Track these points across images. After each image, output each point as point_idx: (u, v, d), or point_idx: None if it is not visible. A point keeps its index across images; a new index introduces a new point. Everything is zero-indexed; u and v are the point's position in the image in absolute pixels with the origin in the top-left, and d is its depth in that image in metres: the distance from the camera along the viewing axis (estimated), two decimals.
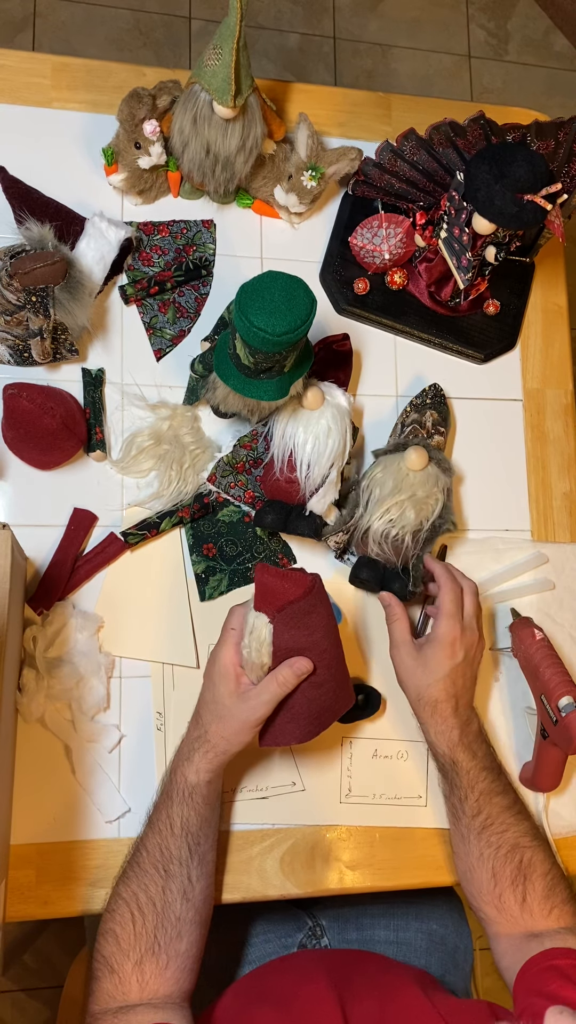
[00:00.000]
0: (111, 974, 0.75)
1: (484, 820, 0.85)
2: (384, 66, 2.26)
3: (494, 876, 0.84)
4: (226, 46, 0.86)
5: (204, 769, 0.81)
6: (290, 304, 0.78)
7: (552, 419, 1.11)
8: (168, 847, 0.79)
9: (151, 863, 0.79)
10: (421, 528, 0.93)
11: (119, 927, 0.77)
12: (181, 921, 0.78)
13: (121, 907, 0.78)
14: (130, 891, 0.78)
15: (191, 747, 0.82)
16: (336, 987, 0.77)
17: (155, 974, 0.76)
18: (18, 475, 0.95)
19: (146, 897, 0.78)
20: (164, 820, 0.81)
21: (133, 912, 0.77)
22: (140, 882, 0.79)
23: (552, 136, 0.93)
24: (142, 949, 0.76)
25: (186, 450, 0.97)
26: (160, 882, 0.78)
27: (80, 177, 1.02)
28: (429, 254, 1.04)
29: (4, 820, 0.82)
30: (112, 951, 0.76)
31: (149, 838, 0.81)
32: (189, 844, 0.80)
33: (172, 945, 0.77)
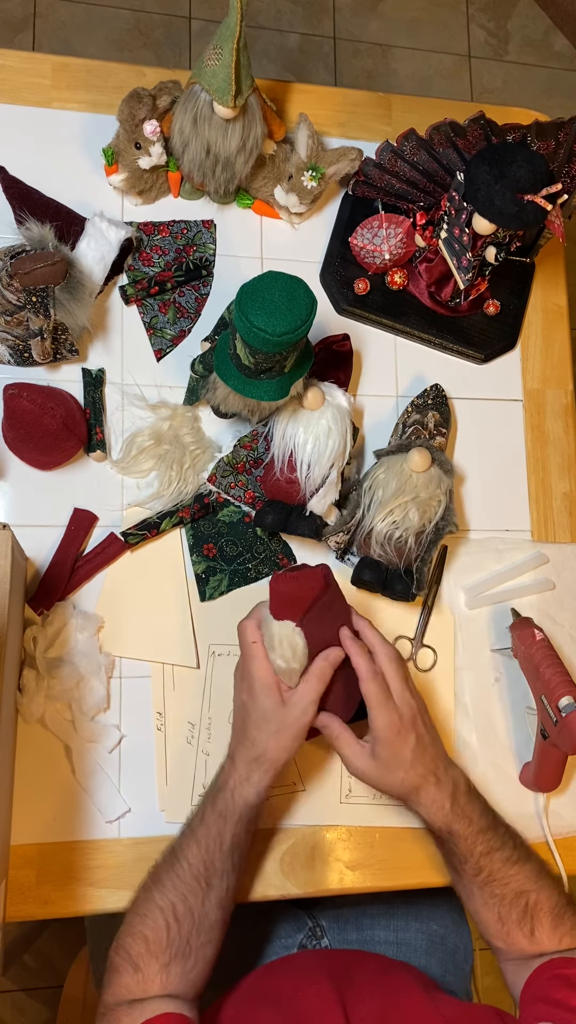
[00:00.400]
0: (135, 972, 0.75)
1: (486, 877, 0.84)
2: (384, 66, 2.26)
3: (500, 919, 0.84)
4: (226, 46, 0.86)
5: (264, 785, 0.80)
6: (290, 304, 0.78)
7: (552, 419, 1.11)
8: (214, 862, 0.79)
9: (193, 876, 0.78)
10: (424, 530, 0.93)
11: (151, 932, 0.76)
12: (213, 929, 0.79)
13: (155, 914, 0.77)
14: (167, 901, 0.77)
15: (249, 768, 0.80)
16: (338, 988, 0.77)
17: (180, 975, 0.76)
18: (18, 475, 0.95)
19: (185, 908, 0.77)
20: (215, 837, 0.79)
21: (169, 921, 0.77)
22: (179, 892, 0.78)
23: (552, 136, 0.93)
24: (172, 953, 0.76)
25: (186, 450, 0.97)
26: (201, 894, 0.78)
27: (80, 177, 1.02)
28: (429, 254, 1.04)
29: (4, 820, 0.82)
30: (140, 951, 0.76)
31: (192, 851, 0.79)
32: (235, 859, 0.80)
33: (202, 949, 0.77)
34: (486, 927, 0.85)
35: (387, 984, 0.80)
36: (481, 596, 1.03)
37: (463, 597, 1.03)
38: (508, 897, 0.83)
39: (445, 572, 1.03)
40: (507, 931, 0.83)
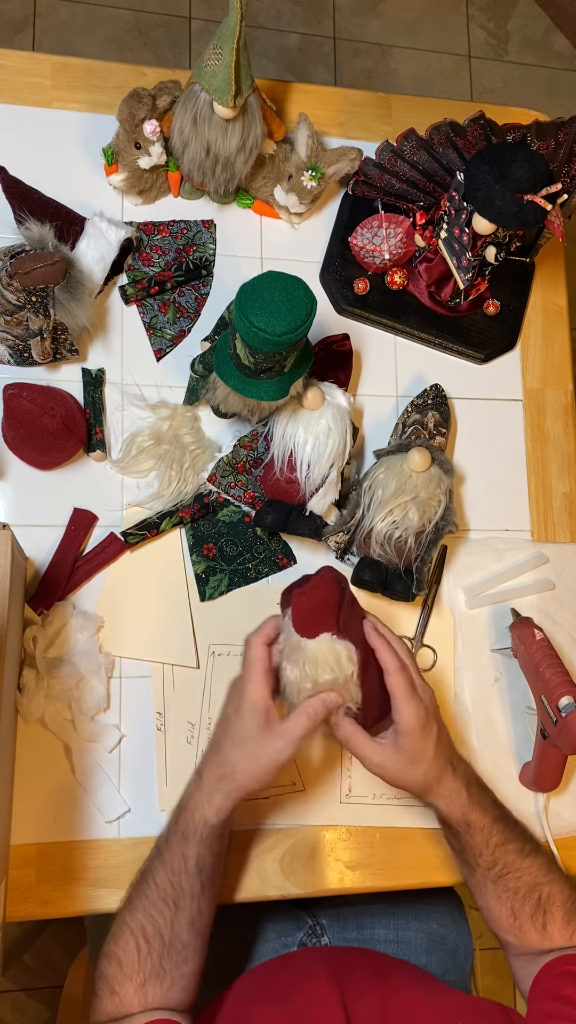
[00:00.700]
0: (112, 995, 0.75)
1: (500, 870, 0.83)
2: (384, 66, 2.26)
3: (513, 914, 0.83)
4: (226, 46, 0.86)
5: (226, 809, 0.78)
6: (290, 304, 0.78)
7: (552, 419, 1.11)
8: (180, 883, 0.78)
9: (160, 897, 0.77)
10: (424, 530, 0.93)
11: (123, 953, 0.76)
12: (187, 948, 0.77)
13: (126, 936, 0.76)
14: (136, 922, 0.77)
15: (213, 787, 0.78)
16: (338, 984, 0.77)
17: (158, 995, 0.75)
18: (18, 475, 0.95)
19: (153, 929, 0.76)
20: (179, 858, 0.78)
21: (139, 942, 0.76)
22: (147, 913, 0.77)
23: (552, 136, 0.93)
24: (145, 974, 0.75)
25: (186, 450, 0.97)
26: (169, 915, 0.77)
27: (80, 177, 1.02)
28: (429, 254, 1.04)
29: (4, 820, 0.82)
30: (114, 974, 0.75)
31: (159, 873, 0.78)
32: (202, 880, 0.79)
33: (177, 968, 0.76)
34: (498, 922, 0.85)
35: (388, 981, 0.80)
36: (481, 596, 1.03)
37: (463, 597, 1.03)
38: (522, 891, 0.83)
39: (445, 572, 1.03)
40: (519, 925, 0.83)
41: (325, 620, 0.76)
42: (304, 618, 0.76)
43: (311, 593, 0.76)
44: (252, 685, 0.77)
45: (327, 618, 0.76)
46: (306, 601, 0.76)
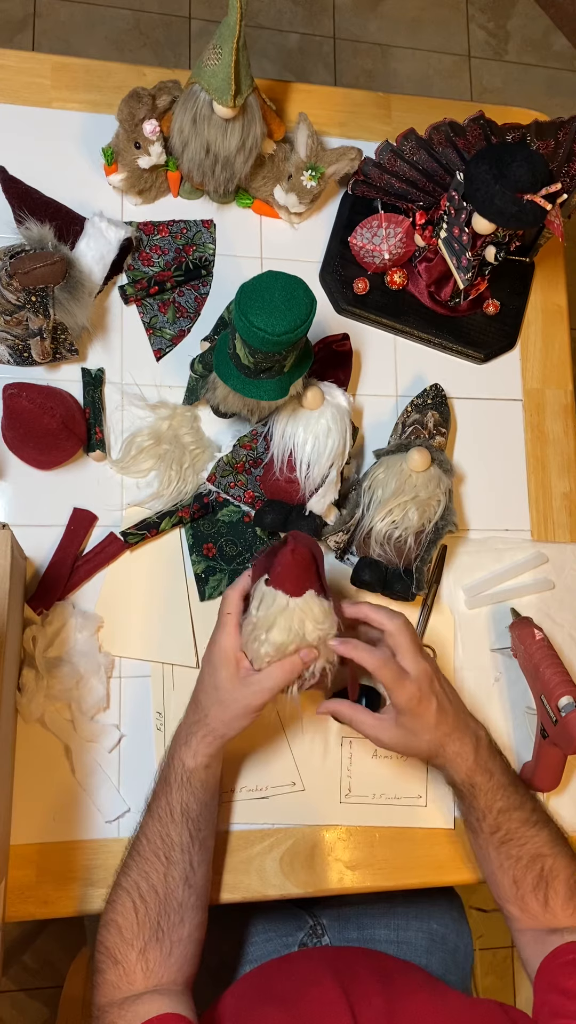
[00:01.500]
0: (115, 965, 0.75)
1: (503, 836, 0.84)
2: (384, 66, 2.26)
3: (515, 883, 0.84)
4: (226, 46, 0.86)
5: (202, 753, 0.80)
6: (290, 304, 0.78)
7: (552, 419, 1.11)
8: (169, 834, 0.79)
9: (152, 851, 0.79)
10: (424, 529, 0.93)
11: (121, 917, 0.77)
12: (183, 907, 0.78)
13: (123, 897, 0.78)
14: (131, 880, 0.78)
15: (189, 731, 0.81)
16: (342, 987, 0.77)
17: (159, 961, 0.76)
18: (18, 475, 0.95)
19: (148, 885, 0.77)
20: (164, 807, 0.80)
21: (135, 901, 0.77)
22: (141, 870, 0.78)
23: (552, 136, 0.93)
24: (146, 937, 0.76)
25: (186, 450, 0.97)
26: (162, 869, 0.78)
27: (80, 177, 1.02)
28: (429, 254, 1.04)
29: (4, 820, 0.82)
30: (115, 942, 0.76)
31: (149, 826, 0.80)
32: (190, 830, 0.80)
33: (175, 931, 0.77)
34: (501, 891, 0.85)
35: (392, 983, 0.80)
36: (481, 596, 1.03)
37: (463, 597, 1.03)
38: (524, 859, 0.83)
39: (445, 572, 1.03)
40: (521, 896, 0.84)
41: (308, 578, 0.78)
42: (290, 578, 0.78)
43: (295, 553, 0.77)
44: (222, 635, 0.81)
45: (310, 576, 0.78)
46: (291, 559, 0.77)
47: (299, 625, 0.78)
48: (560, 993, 0.75)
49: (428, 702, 0.82)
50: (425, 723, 0.82)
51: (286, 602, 0.78)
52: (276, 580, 0.78)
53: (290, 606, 0.78)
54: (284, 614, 0.78)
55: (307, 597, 0.78)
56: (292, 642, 0.78)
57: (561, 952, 0.79)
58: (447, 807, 0.97)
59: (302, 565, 0.78)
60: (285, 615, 0.78)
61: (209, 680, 0.81)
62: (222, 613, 0.82)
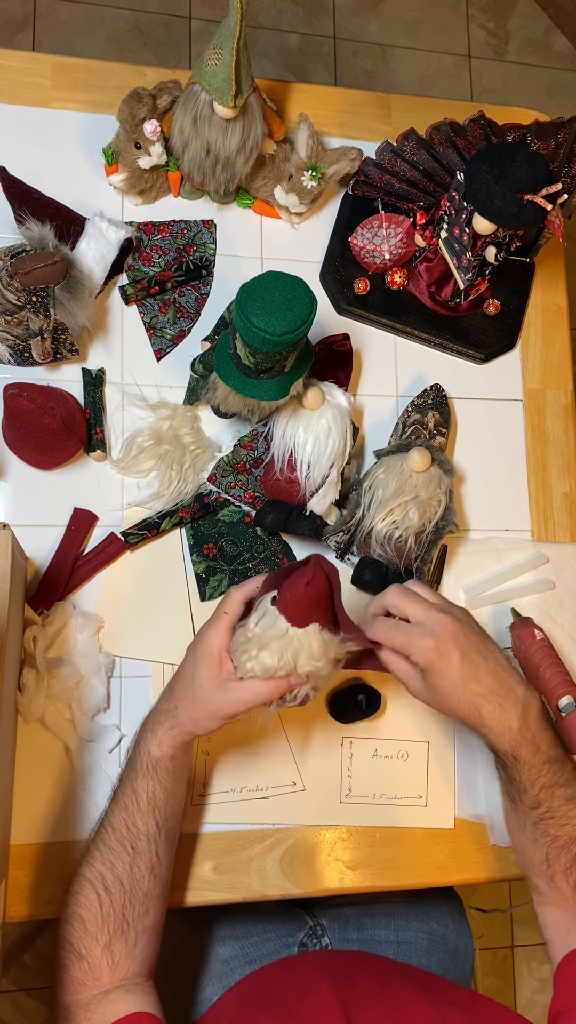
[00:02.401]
0: (79, 960, 0.74)
1: (543, 813, 0.80)
2: (384, 66, 2.26)
3: (547, 860, 0.81)
4: (226, 46, 0.86)
5: (167, 743, 0.78)
6: (290, 304, 0.78)
7: (552, 419, 1.11)
8: (135, 823, 0.77)
9: (117, 840, 0.77)
10: (424, 529, 0.93)
11: (84, 910, 0.75)
12: (148, 897, 0.77)
13: (86, 888, 0.76)
14: (95, 871, 0.76)
15: (157, 719, 0.79)
16: (340, 996, 0.76)
17: (125, 954, 0.74)
18: (18, 475, 0.95)
19: (113, 876, 0.76)
20: (130, 795, 0.78)
21: (99, 893, 0.75)
22: (106, 860, 0.76)
23: (552, 136, 0.93)
24: (111, 930, 0.74)
25: (186, 450, 0.97)
26: (128, 859, 0.76)
27: (80, 177, 1.02)
28: (429, 254, 1.04)
29: (4, 820, 0.82)
30: (79, 936, 0.75)
31: (115, 814, 0.78)
32: (157, 819, 0.78)
33: (140, 921, 0.76)
34: (530, 864, 0.82)
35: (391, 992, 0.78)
36: (481, 596, 1.03)
37: (463, 597, 1.03)
38: (561, 840, 0.79)
39: (445, 572, 1.03)
40: (552, 874, 0.80)
41: (317, 611, 0.75)
42: (298, 608, 0.75)
43: (309, 586, 0.74)
44: (213, 633, 0.78)
45: (319, 608, 0.75)
46: (301, 593, 0.74)
47: (292, 656, 0.75)
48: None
49: (449, 654, 0.76)
50: (451, 680, 0.76)
51: (286, 629, 0.75)
52: (283, 604, 0.75)
53: (289, 634, 0.75)
54: (280, 640, 0.75)
55: (309, 630, 0.75)
56: (281, 668, 0.75)
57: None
58: (447, 807, 0.97)
59: (313, 598, 0.74)
60: (281, 641, 0.75)
61: (188, 672, 0.79)
62: (219, 610, 0.79)
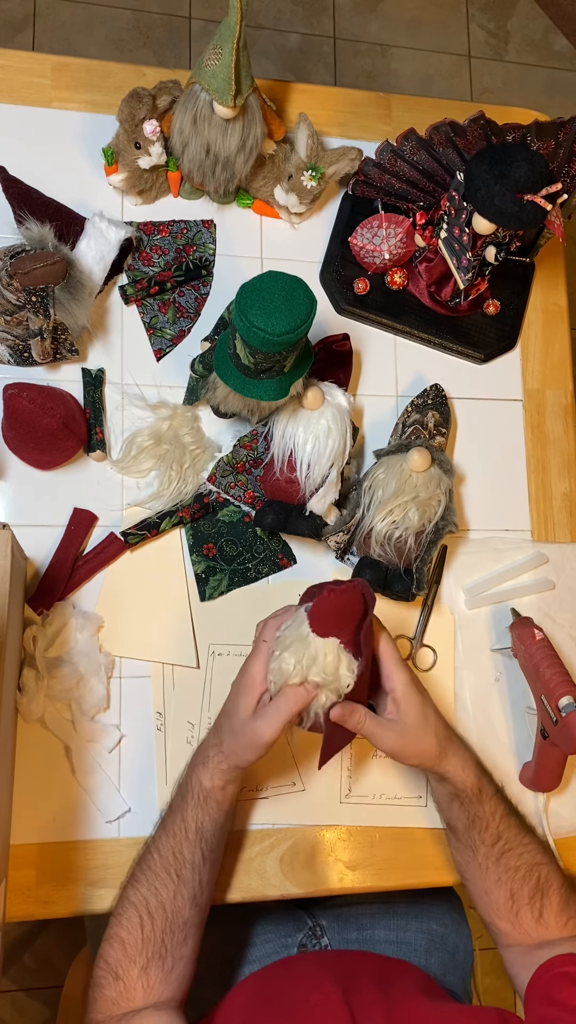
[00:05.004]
0: (115, 981, 0.75)
1: (503, 846, 0.84)
2: (384, 66, 2.26)
3: (512, 897, 0.84)
4: (226, 46, 0.86)
5: (218, 776, 0.79)
6: (290, 304, 0.78)
7: (552, 419, 1.11)
8: (182, 851, 0.78)
9: (163, 867, 0.78)
10: (424, 530, 0.93)
11: (126, 932, 0.76)
12: (188, 925, 0.78)
13: (129, 911, 0.77)
14: (140, 895, 0.77)
15: (207, 753, 0.80)
16: (343, 993, 0.77)
17: (161, 979, 0.75)
18: (18, 475, 0.95)
19: (157, 901, 0.77)
20: (179, 823, 0.79)
21: (142, 916, 0.76)
22: (151, 886, 0.77)
23: (552, 136, 0.93)
24: (149, 954, 0.75)
25: (186, 450, 0.97)
26: (172, 887, 0.77)
27: (80, 177, 1.02)
28: (429, 254, 1.04)
29: (4, 820, 0.82)
30: (118, 957, 0.76)
31: (162, 841, 0.79)
32: (203, 850, 0.79)
33: (178, 949, 0.77)
34: (495, 908, 0.84)
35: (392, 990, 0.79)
36: (481, 596, 1.03)
37: (463, 597, 1.03)
38: (522, 869, 0.83)
39: (445, 572, 1.03)
40: (516, 910, 0.83)
41: (342, 626, 0.75)
42: (324, 616, 0.75)
43: (340, 596, 0.75)
44: (253, 663, 0.79)
45: (345, 625, 0.75)
46: (332, 600, 0.75)
47: (308, 661, 0.75)
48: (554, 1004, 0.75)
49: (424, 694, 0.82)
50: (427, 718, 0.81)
51: (307, 633, 0.75)
52: (312, 610, 0.76)
53: (308, 639, 0.75)
54: (300, 643, 0.75)
55: (329, 642, 0.75)
56: (295, 674, 0.75)
57: (552, 965, 0.78)
58: None
59: (338, 609, 0.75)
60: (301, 643, 0.75)
61: (231, 704, 0.80)
62: (257, 640, 0.80)
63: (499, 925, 0.85)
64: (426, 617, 1.01)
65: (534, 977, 0.79)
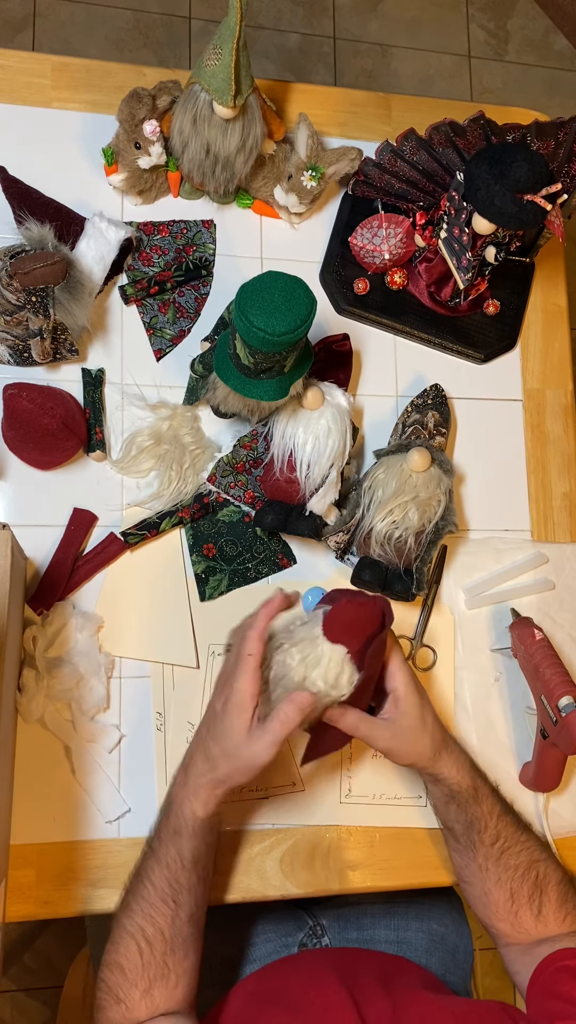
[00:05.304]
0: (117, 1003, 0.74)
1: (502, 845, 0.84)
2: (384, 66, 2.26)
3: (512, 896, 0.84)
4: (226, 46, 0.86)
5: (213, 802, 0.77)
6: (290, 304, 0.78)
7: (552, 419, 1.11)
8: (179, 880, 0.77)
9: (159, 897, 0.76)
10: (424, 530, 0.93)
11: (125, 960, 0.75)
12: (188, 942, 0.77)
13: (126, 940, 0.75)
14: (135, 924, 0.76)
15: (198, 783, 0.77)
16: (348, 988, 0.77)
17: (164, 996, 0.75)
18: (18, 475, 0.95)
19: (154, 929, 0.75)
20: (173, 855, 0.77)
21: (140, 945, 0.75)
22: (146, 915, 0.76)
23: (552, 136, 0.93)
24: (151, 976, 0.74)
25: (186, 450, 0.97)
26: (170, 913, 0.76)
27: (80, 177, 1.02)
28: (429, 254, 1.04)
29: (4, 820, 0.82)
30: (118, 981, 0.75)
31: (155, 872, 0.77)
32: (199, 873, 0.78)
33: (180, 965, 0.76)
34: (495, 908, 0.84)
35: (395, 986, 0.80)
36: (481, 596, 1.03)
37: (463, 597, 1.03)
38: (521, 868, 0.83)
39: (445, 572, 1.03)
40: (516, 910, 0.83)
41: (353, 637, 0.75)
42: (338, 622, 0.74)
43: (360, 608, 0.74)
44: (242, 679, 0.74)
45: (356, 636, 0.75)
46: (351, 610, 0.74)
47: (313, 661, 0.74)
48: (557, 998, 0.75)
49: (423, 695, 0.83)
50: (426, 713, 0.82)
51: (319, 634, 0.74)
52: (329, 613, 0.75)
53: (318, 640, 0.74)
54: (310, 642, 0.74)
55: (337, 649, 0.74)
56: (298, 674, 0.74)
57: (553, 959, 0.79)
58: None
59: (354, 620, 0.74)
60: (310, 643, 0.74)
61: (221, 727, 0.75)
62: (242, 654, 0.75)
63: (498, 927, 0.85)
64: (426, 617, 1.01)
65: (535, 972, 0.79)
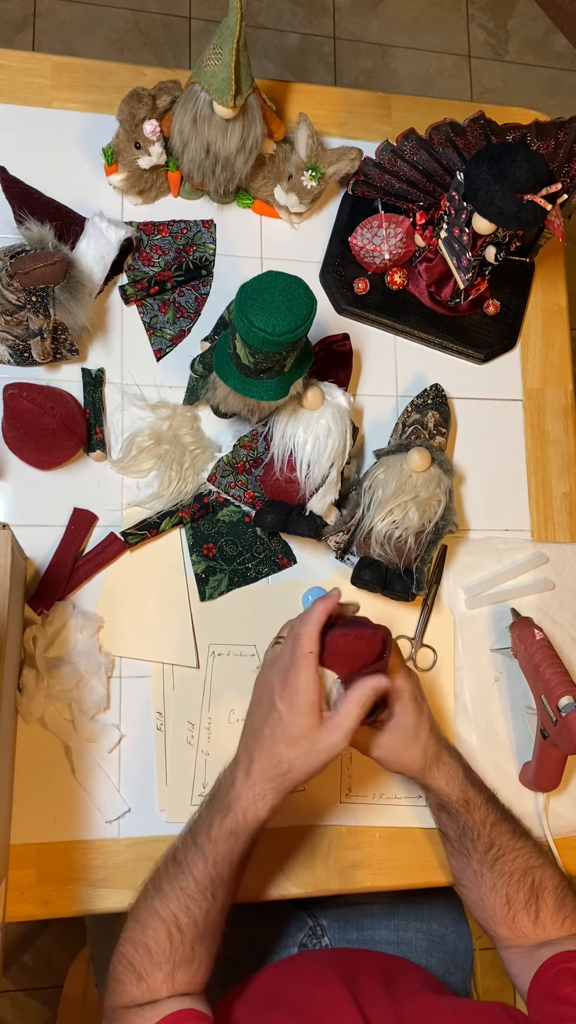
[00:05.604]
0: (139, 981, 0.74)
1: (496, 852, 0.84)
2: (384, 66, 2.26)
3: (508, 902, 0.84)
4: (226, 46, 0.86)
5: (279, 804, 0.77)
6: (290, 304, 0.78)
7: (552, 419, 1.11)
8: (222, 875, 0.76)
9: (199, 890, 0.76)
10: (424, 529, 0.93)
11: (153, 943, 0.75)
12: (216, 930, 0.77)
13: (157, 924, 0.75)
14: (169, 911, 0.75)
15: (266, 786, 0.76)
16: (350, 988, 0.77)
17: (186, 980, 0.75)
18: (18, 475, 0.95)
19: (188, 920, 0.75)
20: (224, 854, 0.76)
21: (171, 931, 0.75)
22: (182, 904, 0.75)
23: (552, 136, 0.93)
24: (176, 960, 0.74)
25: (186, 450, 0.97)
26: (206, 905, 0.76)
27: (80, 177, 1.02)
28: (429, 254, 1.04)
29: (4, 820, 0.82)
30: (143, 960, 0.74)
31: (199, 867, 0.76)
32: (241, 869, 0.79)
33: (206, 952, 0.76)
34: (492, 913, 0.85)
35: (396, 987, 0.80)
36: (481, 596, 1.03)
37: (463, 597, 1.03)
38: (516, 874, 0.83)
39: (445, 572, 1.03)
40: (513, 915, 0.83)
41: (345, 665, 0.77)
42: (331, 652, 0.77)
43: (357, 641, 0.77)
44: (305, 677, 0.75)
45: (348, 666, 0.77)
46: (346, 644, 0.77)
47: None
48: (559, 1000, 0.75)
49: (423, 703, 0.84)
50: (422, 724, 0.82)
51: None
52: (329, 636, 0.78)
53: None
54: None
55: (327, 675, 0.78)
56: None
57: (554, 962, 0.79)
58: None
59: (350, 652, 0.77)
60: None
61: (293, 729, 0.75)
62: (301, 652, 0.75)
63: (497, 931, 0.85)
64: (426, 617, 1.01)
65: (537, 975, 0.79)
